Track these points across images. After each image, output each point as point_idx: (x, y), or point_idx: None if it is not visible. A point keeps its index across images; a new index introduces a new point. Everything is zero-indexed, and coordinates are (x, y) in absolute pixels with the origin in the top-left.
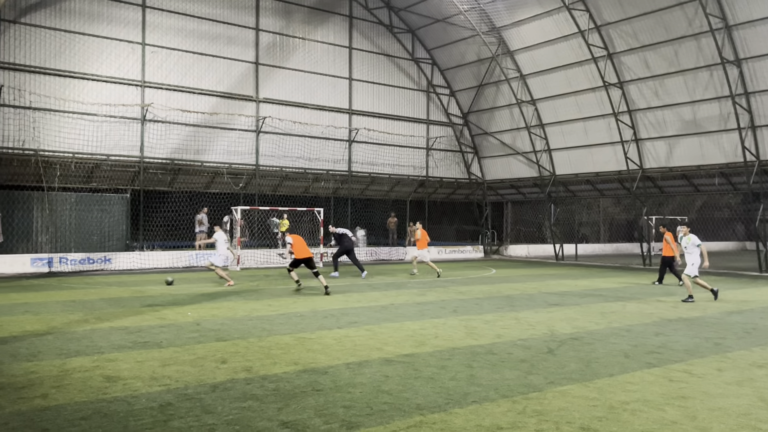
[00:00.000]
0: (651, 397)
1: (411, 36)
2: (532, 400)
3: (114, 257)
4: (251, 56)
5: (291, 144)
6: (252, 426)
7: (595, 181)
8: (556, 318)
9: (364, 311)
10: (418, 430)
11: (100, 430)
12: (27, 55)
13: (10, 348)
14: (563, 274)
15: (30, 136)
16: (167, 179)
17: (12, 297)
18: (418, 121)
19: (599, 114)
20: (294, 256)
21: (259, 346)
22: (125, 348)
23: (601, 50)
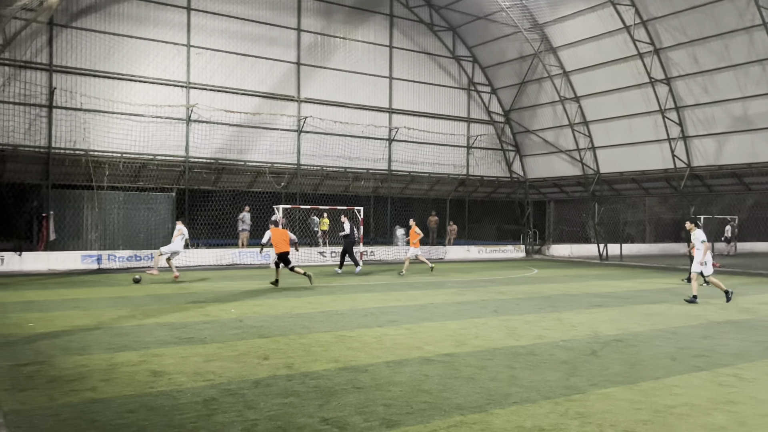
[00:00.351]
0: (698, 401)
1: (452, 34)
2: (575, 402)
3: None
4: (293, 56)
5: (331, 143)
6: (293, 422)
7: (640, 179)
8: (599, 319)
9: (403, 310)
10: (458, 429)
11: (147, 423)
12: (78, 58)
13: (62, 342)
14: (607, 275)
15: (80, 136)
16: (211, 178)
17: (62, 293)
18: (458, 120)
19: (645, 111)
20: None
21: (299, 343)
22: (170, 343)
23: (648, 46)
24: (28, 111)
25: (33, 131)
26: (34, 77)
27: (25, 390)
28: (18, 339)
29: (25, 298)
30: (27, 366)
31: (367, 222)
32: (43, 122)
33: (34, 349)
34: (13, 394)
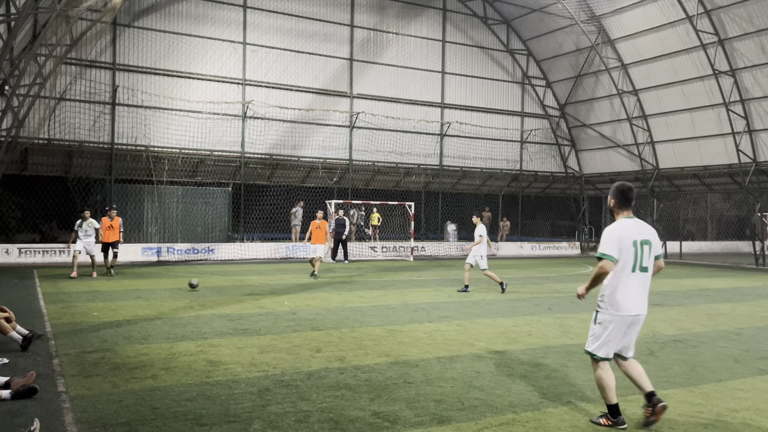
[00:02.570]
0: (763, 405)
1: (506, 27)
2: (631, 403)
3: (216, 248)
4: (346, 53)
5: (383, 138)
6: (345, 415)
7: (702, 175)
8: (657, 318)
9: (455, 306)
10: (511, 427)
11: (204, 412)
12: (139, 57)
13: (124, 331)
14: (666, 273)
15: (141, 132)
16: (266, 174)
17: (125, 284)
18: (512, 114)
19: (708, 104)
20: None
21: (351, 337)
22: (226, 334)
23: (711, 36)
24: (92, 108)
25: (97, 128)
26: (98, 76)
27: (91, 376)
28: (84, 327)
29: (91, 288)
30: (92, 353)
31: (418, 218)
32: (106, 119)
33: (99, 337)
34: (79, 380)
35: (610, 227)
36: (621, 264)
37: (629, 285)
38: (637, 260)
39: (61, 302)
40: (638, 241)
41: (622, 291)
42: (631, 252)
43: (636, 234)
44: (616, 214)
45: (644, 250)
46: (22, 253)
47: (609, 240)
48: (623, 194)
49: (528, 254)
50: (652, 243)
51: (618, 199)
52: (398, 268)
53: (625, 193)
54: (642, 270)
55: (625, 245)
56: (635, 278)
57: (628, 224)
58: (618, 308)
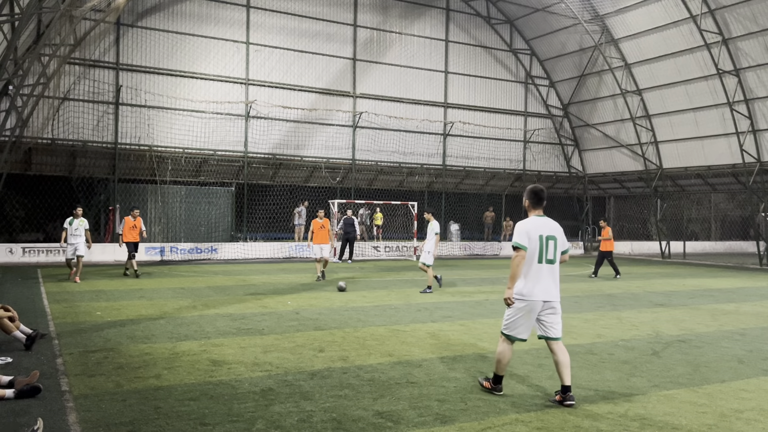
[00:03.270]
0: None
1: (509, 27)
2: (635, 403)
3: (220, 247)
4: (349, 52)
5: (386, 138)
6: (348, 414)
7: (706, 175)
8: (661, 318)
9: (458, 306)
10: (514, 427)
11: (207, 411)
12: (143, 57)
13: (128, 330)
14: (670, 273)
15: (145, 132)
16: (269, 173)
17: (129, 283)
18: (515, 114)
19: (712, 104)
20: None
21: (354, 337)
22: (230, 334)
23: (715, 36)
24: (96, 108)
25: (101, 127)
26: (101, 76)
27: (94, 375)
28: (88, 327)
29: (94, 287)
30: (96, 353)
31: (421, 217)
32: (110, 119)
33: (102, 337)
34: (82, 380)
35: (521, 222)
36: (529, 254)
37: (537, 274)
38: (542, 253)
39: (64, 301)
40: (544, 236)
41: (531, 280)
42: (537, 245)
43: (542, 230)
44: (529, 212)
45: (549, 245)
46: (26, 252)
47: (520, 232)
48: (536, 195)
49: None
50: (557, 239)
51: (531, 199)
52: (401, 268)
53: (538, 194)
54: (548, 262)
55: (533, 238)
56: (542, 268)
57: (537, 221)
58: (527, 295)
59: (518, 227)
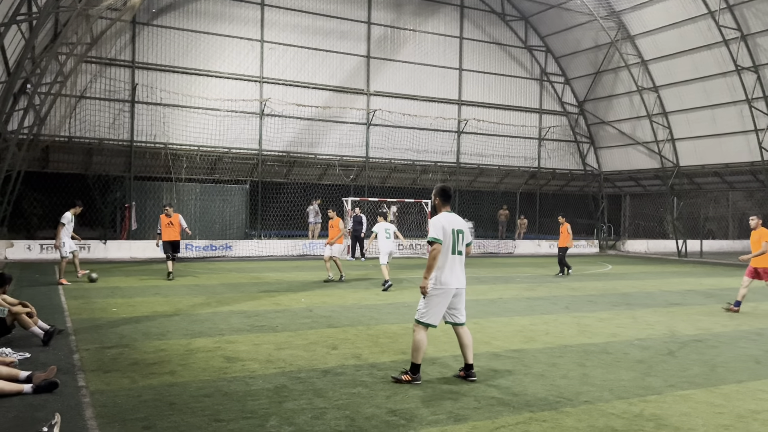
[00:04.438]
0: None
1: (524, 23)
2: (650, 403)
3: (234, 245)
4: (363, 50)
5: (400, 136)
6: (361, 412)
7: (723, 172)
8: (677, 318)
9: (472, 304)
10: (528, 426)
11: (221, 408)
12: (158, 55)
13: (143, 327)
14: (686, 272)
15: (160, 130)
16: (283, 171)
17: (144, 280)
18: (530, 111)
19: (730, 101)
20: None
21: (367, 334)
22: (243, 331)
23: (734, 32)
24: (112, 106)
25: (117, 125)
26: (117, 74)
27: (110, 371)
28: (103, 323)
29: (110, 284)
30: (111, 349)
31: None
32: (126, 117)
33: (118, 333)
34: (98, 375)
35: (435, 218)
36: (445, 247)
37: (452, 265)
38: (455, 245)
39: (81, 298)
40: (455, 230)
41: (447, 270)
42: (451, 238)
43: (454, 224)
44: (439, 209)
45: (459, 237)
46: (43, 249)
47: (436, 227)
48: (445, 193)
49: (545, 252)
50: (464, 232)
51: (441, 197)
52: (414, 266)
53: (446, 192)
54: (458, 253)
55: (447, 232)
56: (455, 259)
57: (448, 216)
58: (445, 284)
59: (433, 222)
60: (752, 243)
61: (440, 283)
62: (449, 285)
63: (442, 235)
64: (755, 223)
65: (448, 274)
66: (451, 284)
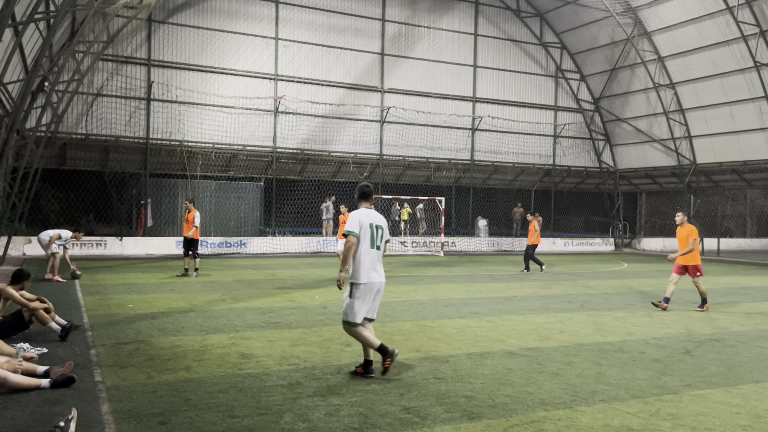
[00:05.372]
0: None
1: (539, 20)
2: (667, 403)
3: (249, 242)
4: (377, 47)
5: (414, 133)
6: (375, 409)
7: (742, 170)
8: (694, 317)
9: (486, 302)
10: (542, 425)
11: (236, 404)
12: (173, 53)
13: (159, 323)
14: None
15: (176, 128)
16: (297, 168)
17: (160, 276)
18: (545, 108)
19: (749, 97)
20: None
21: (381, 332)
22: (258, 327)
23: (753, 27)
24: (128, 104)
25: (133, 123)
26: (133, 72)
27: (126, 367)
28: (120, 319)
29: (126, 280)
30: (128, 345)
31: (449, 213)
32: (141, 114)
33: (134, 329)
34: (115, 371)
35: (354, 212)
36: (364, 241)
37: (372, 260)
38: (374, 239)
39: (97, 294)
40: (374, 225)
41: (368, 265)
42: (369, 233)
43: (372, 219)
44: (359, 205)
45: (378, 233)
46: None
47: (353, 221)
48: (363, 191)
49: (560, 250)
50: (383, 228)
51: (360, 195)
52: (428, 264)
53: (364, 190)
54: (377, 248)
55: (365, 227)
56: (373, 253)
57: (367, 212)
58: (367, 278)
59: (351, 217)
60: (679, 240)
61: (364, 278)
62: (372, 279)
63: (358, 228)
64: (681, 220)
65: (370, 269)
66: (374, 278)
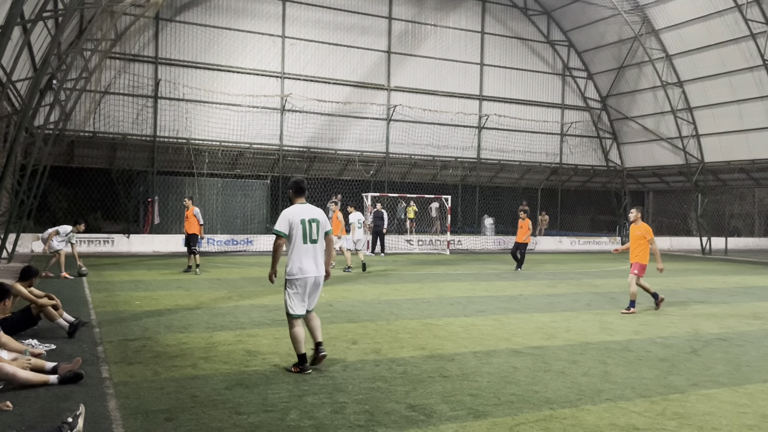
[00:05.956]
0: None
1: (546, 18)
2: (673, 402)
3: (255, 239)
4: (383, 45)
5: (420, 131)
6: (381, 407)
7: (750, 169)
8: (701, 316)
9: (492, 300)
10: (548, 424)
11: (242, 401)
12: (181, 51)
13: (165, 320)
14: (710, 270)
15: (183, 125)
16: (303, 166)
17: (166, 273)
18: (551, 106)
19: (757, 96)
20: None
21: (387, 330)
22: (264, 325)
23: (762, 25)
24: (135, 102)
25: (140, 121)
26: (141, 70)
27: (133, 363)
28: (127, 316)
29: (133, 277)
30: (134, 341)
31: (455, 211)
32: (149, 112)
33: (141, 326)
34: (122, 367)
35: (285, 210)
36: (294, 238)
37: (306, 254)
38: (307, 234)
39: (105, 291)
40: (306, 220)
41: (301, 259)
42: (301, 228)
43: (304, 215)
44: (293, 200)
45: (312, 227)
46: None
47: (282, 219)
48: (297, 186)
49: (567, 249)
50: (319, 221)
51: (293, 190)
52: (434, 262)
53: (298, 184)
54: (312, 242)
55: (295, 223)
56: (308, 248)
57: (299, 208)
58: (301, 273)
59: (281, 215)
60: (632, 237)
61: (299, 272)
62: (307, 273)
63: (286, 228)
64: (635, 217)
65: (304, 262)
66: (309, 272)
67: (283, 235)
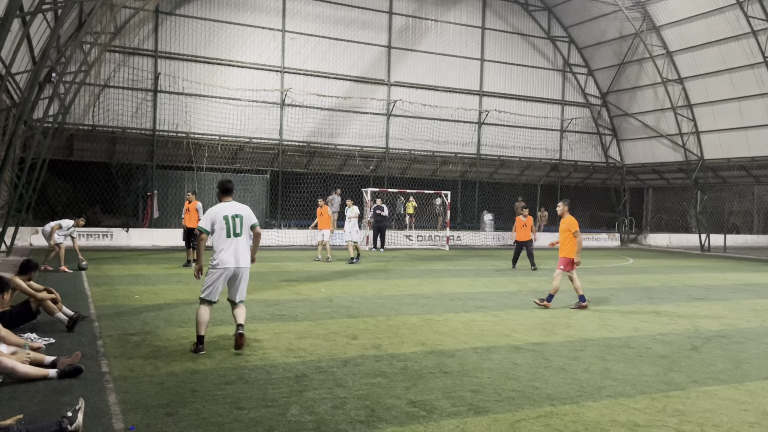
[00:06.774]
0: None
1: (547, 13)
2: (673, 399)
3: None
4: (384, 40)
5: (420, 127)
6: (381, 402)
7: (749, 166)
8: (700, 313)
9: (492, 296)
10: (549, 420)
11: (242, 395)
12: (180, 45)
13: (165, 314)
14: (710, 267)
15: (182, 119)
16: (303, 161)
17: (166, 267)
18: (552, 102)
19: (758, 93)
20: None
21: (387, 325)
22: (264, 320)
23: (763, 22)
24: (135, 95)
25: (139, 114)
26: (140, 63)
27: (133, 358)
28: (126, 310)
29: (133, 271)
30: (134, 336)
31: (455, 207)
32: (148, 106)
33: (140, 320)
34: (122, 362)
35: (210, 209)
36: (218, 233)
37: (228, 247)
38: (230, 229)
39: (104, 285)
40: (230, 216)
41: (224, 252)
42: (224, 224)
43: (227, 211)
44: (221, 199)
45: (236, 222)
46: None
47: (205, 218)
48: (223, 185)
49: None
50: (243, 216)
51: (220, 190)
52: (434, 258)
53: (224, 185)
54: (236, 235)
55: (218, 219)
56: (232, 242)
57: (223, 205)
58: (220, 264)
59: (205, 214)
60: (560, 231)
61: (219, 262)
62: (226, 264)
63: (208, 225)
64: (562, 211)
65: (225, 255)
66: (228, 264)
67: (205, 232)
